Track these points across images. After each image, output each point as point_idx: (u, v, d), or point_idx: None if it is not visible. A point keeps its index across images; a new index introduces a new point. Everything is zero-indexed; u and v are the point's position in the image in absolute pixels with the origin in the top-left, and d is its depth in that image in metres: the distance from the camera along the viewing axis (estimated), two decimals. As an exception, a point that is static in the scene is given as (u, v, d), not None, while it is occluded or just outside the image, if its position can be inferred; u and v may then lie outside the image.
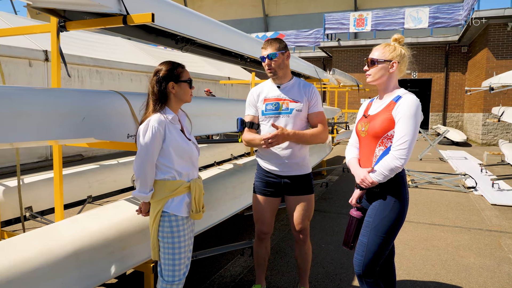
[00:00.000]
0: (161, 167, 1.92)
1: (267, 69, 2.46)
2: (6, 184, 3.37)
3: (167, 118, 1.90)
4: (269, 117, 2.48)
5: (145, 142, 1.84)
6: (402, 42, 2.16)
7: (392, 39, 2.17)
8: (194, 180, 1.99)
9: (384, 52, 2.09)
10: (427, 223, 4.52)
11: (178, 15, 2.92)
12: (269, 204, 2.58)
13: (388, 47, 2.11)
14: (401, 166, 1.92)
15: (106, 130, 2.20)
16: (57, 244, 2.07)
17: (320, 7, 22.51)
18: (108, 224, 2.37)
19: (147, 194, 1.91)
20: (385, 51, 2.09)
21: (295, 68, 6.28)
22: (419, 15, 16.23)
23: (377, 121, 2.04)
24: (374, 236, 2.02)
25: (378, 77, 2.09)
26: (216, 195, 3.38)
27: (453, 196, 5.91)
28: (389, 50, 2.08)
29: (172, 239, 1.93)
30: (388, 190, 2.02)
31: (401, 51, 2.09)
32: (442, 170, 8.05)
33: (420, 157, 9.72)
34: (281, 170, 2.50)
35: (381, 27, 16.84)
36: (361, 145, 2.17)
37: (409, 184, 6.54)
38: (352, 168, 2.16)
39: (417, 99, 2.01)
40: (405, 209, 2.05)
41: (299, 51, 20.51)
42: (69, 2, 2.25)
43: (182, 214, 1.94)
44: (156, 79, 1.93)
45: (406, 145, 1.90)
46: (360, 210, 2.17)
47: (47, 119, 1.80)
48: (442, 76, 17.20)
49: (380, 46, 2.14)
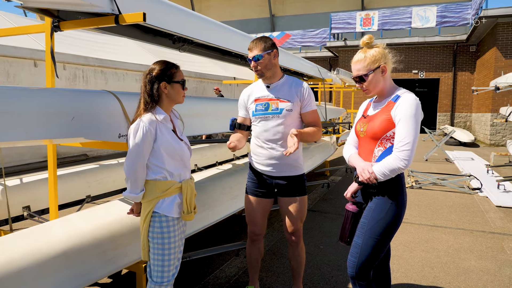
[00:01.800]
0: (152, 167, 1.90)
1: (255, 70, 2.44)
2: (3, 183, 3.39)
3: (158, 118, 1.88)
4: (259, 117, 2.46)
5: (135, 142, 1.83)
6: (372, 41, 2.03)
7: (361, 44, 2.05)
8: (185, 180, 1.97)
9: (367, 61, 1.98)
10: (428, 225, 4.45)
11: (172, 14, 2.91)
12: (261, 205, 2.56)
13: (365, 55, 2.00)
14: (404, 167, 1.87)
15: (96, 130, 2.19)
16: (46, 243, 2.07)
17: (327, 7, 22.41)
18: (100, 224, 2.36)
19: (138, 195, 1.90)
20: (366, 61, 1.99)
21: (297, 68, 6.25)
22: (427, 14, 16.07)
23: (375, 122, 2.00)
24: (368, 238, 1.98)
25: (378, 88, 2.02)
26: (213, 195, 3.36)
27: (457, 197, 5.82)
28: (370, 58, 1.98)
29: (162, 239, 1.92)
30: (385, 191, 1.98)
31: (378, 51, 2.00)
32: (448, 171, 7.94)
33: (426, 158, 9.60)
34: (273, 170, 2.47)
35: (388, 26, 16.71)
36: (360, 146, 2.13)
37: (413, 185, 6.46)
38: (355, 161, 2.07)
39: (416, 98, 1.95)
40: (402, 212, 2.00)
41: (306, 51, 20.44)
42: (61, 2, 2.25)
43: (173, 215, 1.93)
44: (149, 78, 1.91)
45: (409, 146, 1.85)
46: (355, 204, 2.12)
47: (33, 119, 1.80)
48: (450, 75, 17.00)
49: (358, 59, 2.02)
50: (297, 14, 23.71)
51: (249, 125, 2.58)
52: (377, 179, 1.91)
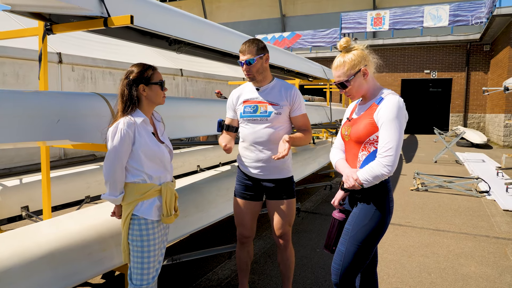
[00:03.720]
0: (131, 169, 1.91)
1: (246, 74, 2.42)
2: (4, 183, 3.46)
3: (137, 121, 1.89)
4: (247, 119, 2.45)
5: (113, 145, 1.83)
6: (349, 45, 1.97)
7: (339, 47, 1.99)
8: (165, 183, 1.97)
9: (346, 67, 1.93)
10: (431, 229, 4.36)
11: (164, 16, 2.91)
12: (249, 208, 2.54)
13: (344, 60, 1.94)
14: (388, 173, 1.82)
15: (83, 132, 2.21)
16: (32, 244, 2.09)
17: (338, 7, 22.21)
18: (89, 225, 2.38)
19: (117, 197, 1.90)
20: (346, 65, 1.93)
21: (301, 69, 6.21)
22: (439, 13, 15.78)
23: (359, 125, 1.96)
24: (351, 245, 1.94)
25: (361, 92, 1.97)
26: (208, 197, 3.36)
27: (463, 200, 5.69)
28: (349, 62, 1.92)
29: (142, 242, 1.92)
30: (370, 197, 1.93)
31: (356, 54, 1.94)
32: (457, 173, 7.78)
33: (435, 160, 9.43)
34: (261, 173, 2.46)
35: (399, 26, 16.48)
36: (346, 150, 2.09)
37: (419, 188, 6.34)
38: (340, 168, 2.04)
39: (400, 99, 1.89)
40: (387, 219, 1.95)
41: (316, 51, 20.31)
42: (49, 6, 2.27)
43: (152, 217, 1.93)
44: (127, 82, 1.92)
45: (392, 151, 1.80)
46: (343, 212, 2.09)
47: (15, 121, 1.82)
48: (463, 75, 16.67)
49: (337, 65, 1.96)
50: (308, 14, 23.58)
51: (237, 126, 2.57)
52: (362, 185, 1.87)
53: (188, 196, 3.15)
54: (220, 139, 2.52)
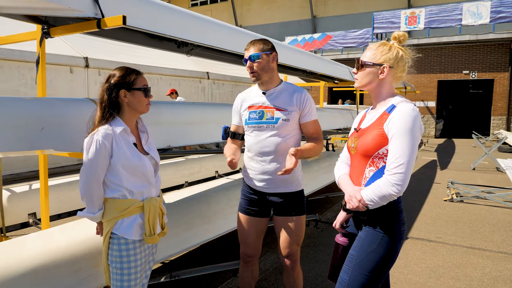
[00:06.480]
0: (109, 184, 1.73)
1: (250, 72, 2.20)
2: (12, 189, 3.43)
3: (116, 131, 1.71)
4: (252, 127, 2.23)
5: (89, 158, 1.67)
6: (404, 41, 1.76)
7: (392, 37, 1.80)
8: (148, 199, 1.78)
9: (376, 53, 1.72)
10: (464, 246, 3.94)
11: (166, 16, 2.74)
12: (254, 224, 2.31)
13: (382, 47, 1.74)
14: (396, 194, 1.56)
15: (69, 141, 2.07)
16: (15, 260, 1.97)
17: (371, 6, 21.52)
18: (79, 239, 2.23)
19: (95, 214, 1.74)
20: (377, 52, 1.72)
21: (325, 71, 5.90)
22: (479, 10, 14.85)
23: (367, 137, 1.69)
24: (357, 274, 1.67)
25: (365, 83, 1.75)
26: (215, 208, 3.17)
27: (504, 214, 5.16)
28: (381, 52, 1.71)
29: (121, 264, 1.74)
30: (378, 219, 1.66)
31: (397, 52, 1.71)
32: (497, 182, 7.15)
33: (473, 167, 8.78)
34: (266, 186, 2.22)
35: (436, 24, 15.66)
36: (352, 165, 1.82)
37: (453, 198, 5.85)
38: (343, 185, 1.80)
39: (415, 108, 1.62)
40: (397, 245, 1.67)
41: (347, 52, 19.78)
42: (40, 8, 2.16)
43: (132, 237, 1.74)
44: (107, 86, 1.75)
45: (403, 168, 1.54)
46: (347, 236, 1.82)
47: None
48: (506, 76, 15.59)
49: (374, 45, 1.77)
50: (339, 14, 23.04)
51: (243, 134, 2.36)
52: (367, 207, 1.60)
53: (193, 206, 2.97)
54: (225, 149, 2.32)
